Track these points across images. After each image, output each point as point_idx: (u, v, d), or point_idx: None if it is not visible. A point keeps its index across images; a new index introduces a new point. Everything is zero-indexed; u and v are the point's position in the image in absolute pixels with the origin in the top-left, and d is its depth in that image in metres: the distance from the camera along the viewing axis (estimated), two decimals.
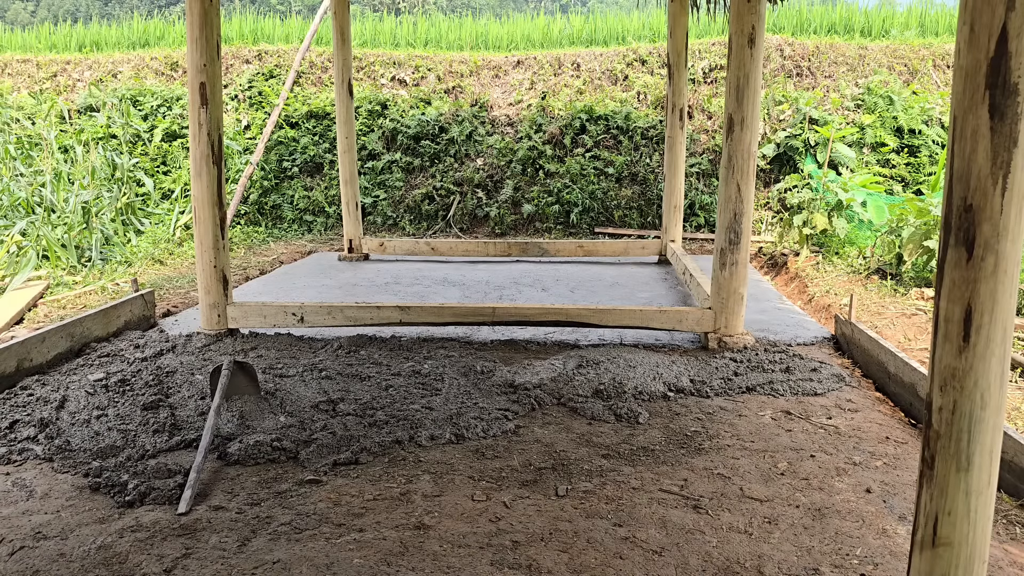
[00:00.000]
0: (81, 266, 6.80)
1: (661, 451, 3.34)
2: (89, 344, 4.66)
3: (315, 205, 9.52)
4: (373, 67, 11.04)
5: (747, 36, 4.36)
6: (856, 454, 3.31)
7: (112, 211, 7.95)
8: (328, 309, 4.94)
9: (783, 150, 9.19)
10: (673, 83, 7.20)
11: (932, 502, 1.74)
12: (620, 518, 2.76)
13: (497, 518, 2.76)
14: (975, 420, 1.68)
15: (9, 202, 7.60)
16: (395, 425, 3.55)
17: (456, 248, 7.82)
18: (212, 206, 4.81)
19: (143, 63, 11.27)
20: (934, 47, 10.63)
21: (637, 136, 9.67)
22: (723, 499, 2.91)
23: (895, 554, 2.54)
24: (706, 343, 4.75)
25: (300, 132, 10.03)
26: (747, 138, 4.48)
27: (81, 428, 3.46)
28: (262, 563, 2.47)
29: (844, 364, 4.50)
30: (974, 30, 1.59)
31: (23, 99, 10.51)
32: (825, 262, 6.89)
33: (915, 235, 6.02)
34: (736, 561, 2.50)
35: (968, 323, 1.65)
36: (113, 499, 2.91)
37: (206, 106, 4.69)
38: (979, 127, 1.59)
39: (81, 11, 35.60)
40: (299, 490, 2.99)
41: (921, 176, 8.89)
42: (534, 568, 2.44)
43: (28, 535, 2.65)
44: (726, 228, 4.62)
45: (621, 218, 9.24)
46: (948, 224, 1.66)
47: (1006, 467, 2.89)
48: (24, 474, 3.13)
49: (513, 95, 10.59)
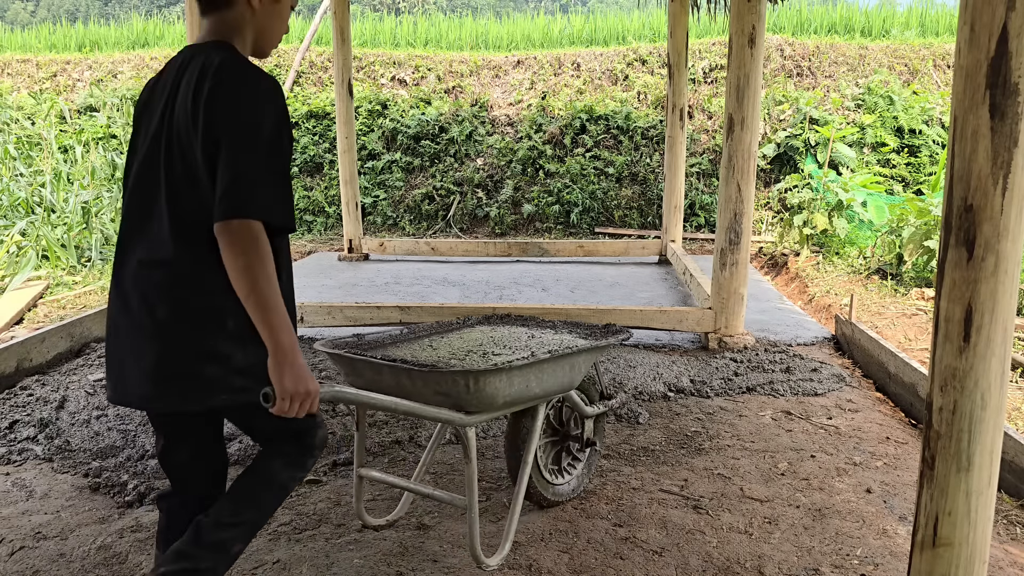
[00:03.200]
0: (81, 266, 6.80)
1: (661, 451, 3.34)
2: (89, 344, 4.66)
3: (315, 205, 9.52)
4: (373, 67, 11.04)
5: (747, 36, 4.36)
6: (856, 454, 3.31)
7: (112, 211, 7.95)
8: (328, 309, 4.93)
9: (783, 150, 9.19)
10: (673, 83, 7.20)
11: (932, 502, 1.74)
12: (620, 518, 2.76)
13: (498, 518, 2.76)
14: (975, 420, 1.68)
15: (9, 202, 7.60)
16: (395, 425, 3.55)
17: (456, 248, 7.82)
18: None
19: (143, 63, 11.28)
20: (934, 47, 10.63)
21: (637, 136, 9.67)
22: (723, 499, 2.91)
23: (895, 554, 2.54)
24: (706, 343, 4.75)
25: (300, 132, 10.03)
26: (747, 138, 4.48)
27: (81, 428, 3.46)
28: (262, 563, 2.47)
29: (844, 364, 4.50)
30: (974, 30, 1.58)
31: (23, 99, 10.51)
32: (825, 262, 6.89)
33: (915, 235, 6.02)
34: (736, 561, 2.50)
35: (968, 323, 1.65)
36: (113, 499, 2.91)
37: None
38: (979, 127, 1.59)
39: (81, 11, 35.64)
40: (299, 490, 2.99)
41: (921, 176, 8.89)
42: (534, 568, 2.44)
43: (28, 535, 2.65)
44: (726, 228, 4.62)
45: (621, 218, 9.24)
46: (948, 224, 1.66)
47: (1006, 467, 2.89)
48: (24, 474, 3.13)
49: (513, 95, 10.59)
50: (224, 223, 1.62)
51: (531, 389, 2.39)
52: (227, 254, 1.64)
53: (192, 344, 1.73)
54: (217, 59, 1.70)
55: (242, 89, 1.67)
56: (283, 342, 1.64)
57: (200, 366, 1.73)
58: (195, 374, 1.74)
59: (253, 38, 1.85)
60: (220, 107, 1.65)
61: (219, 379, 1.74)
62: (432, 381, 2.22)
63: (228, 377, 1.75)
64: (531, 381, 2.37)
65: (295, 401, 1.67)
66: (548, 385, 2.47)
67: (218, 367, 1.74)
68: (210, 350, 1.73)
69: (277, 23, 1.87)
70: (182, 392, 1.75)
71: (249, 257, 1.62)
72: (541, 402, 2.54)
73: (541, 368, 2.39)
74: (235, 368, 1.75)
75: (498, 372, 2.23)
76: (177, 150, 1.72)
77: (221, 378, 1.74)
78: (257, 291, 1.63)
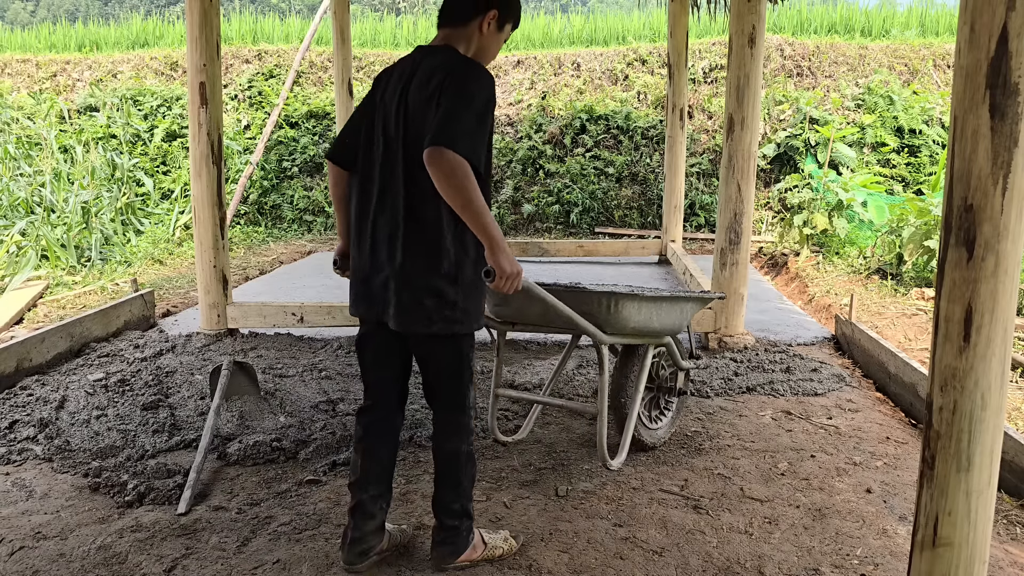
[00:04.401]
0: (81, 266, 6.80)
1: (661, 451, 3.34)
2: (89, 344, 4.66)
3: (315, 205, 9.52)
4: (373, 67, 11.04)
5: (747, 36, 4.36)
6: (856, 454, 3.31)
7: (112, 211, 7.95)
8: (328, 309, 4.93)
9: (783, 150, 9.19)
10: (673, 83, 7.20)
11: (932, 502, 1.74)
12: (620, 518, 2.76)
13: (497, 518, 2.76)
14: (975, 420, 1.68)
15: (9, 202, 7.60)
16: None
17: None
18: (212, 206, 4.81)
19: (143, 63, 11.27)
20: (934, 47, 10.63)
21: (637, 136, 9.67)
22: (723, 499, 2.91)
23: (895, 554, 2.54)
24: (706, 343, 4.74)
25: (300, 132, 10.03)
26: (747, 138, 4.48)
27: (81, 428, 3.46)
28: (262, 563, 2.47)
29: (844, 364, 4.50)
30: (974, 30, 1.58)
31: (23, 99, 10.51)
32: (825, 262, 6.89)
33: (915, 235, 6.02)
34: (736, 561, 2.50)
35: (968, 323, 1.65)
36: (113, 499, 2.91)
37: (206, 106, 4.68)
38: (979, 127, 1.59)
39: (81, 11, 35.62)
40: (299, 490, 2.99)
41: (921, 176, 8.89)
42: (534, 568, 2.44)
43: (28, 535, 2.65)
44: (726, 228, 4.62)
45: (621, 218, 9.24)
46: (948, 224, 1.66)
47: (1006, 467, 2.89)
48: (24, 474, 3.13)
49: (513, 95, 10.58)
50: (435, 149, 2.04)
51: (652, 322, 2.95)
52: (440, 176, 2.06)
53: (421, 282, 2.22)
54: (450, 54, 2.26)
55: (468, 73, 2.18)
56: (496, 237, 2.13)
57: (426, 298, 2.23)
58: (422, 304, 2.23)
59: (473, 52, 2.34)
60: (448, 82, 2.14)
61: (436, 309, 2.24)
62: (580, 301, 2.79)
63: (442, 309, 2.24)
64: (653, 314, 2.95)
65: (509, 279, 2.17)
66: (664, 322, 3.01)
67: (437, 300, 2.23)
68: (432, 287, 2.22)
69: (494, 46, 2.39)
70: (414, 318, 2.24)
71: (458, 177, 2.05)
72: (652, 342, 3.07)
73: (660, 305, 2.96)
74: (448, 302, 2.24)
75: (633, 297, 2.83)
76: (412, 122, 2.19)
77: (438, 309, 2.24)
78: (471, 202, 2.07)
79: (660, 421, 3.38)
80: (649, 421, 3.31)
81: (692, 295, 3.10)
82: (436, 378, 2.40)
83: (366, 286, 2.34)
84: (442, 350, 2.33)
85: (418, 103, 2.18)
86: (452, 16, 2.34)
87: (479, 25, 2.31)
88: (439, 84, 2.14)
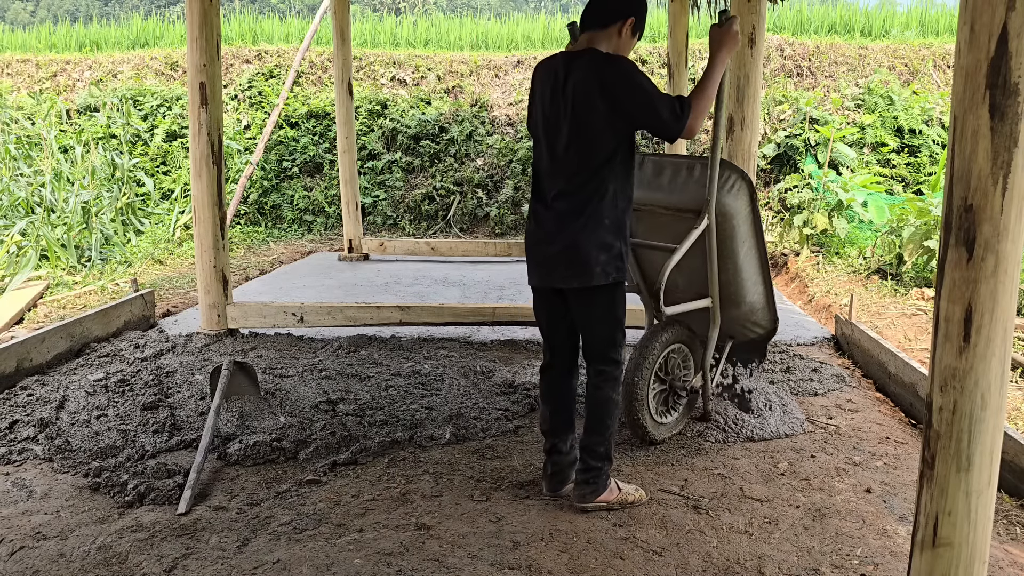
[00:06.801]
0: (81, 266, 6.80)
1: (661, 451, 3.34)
2: (89, 344, 4.66)
3: (315, 205, 9.52)
4: (373, 67, 11.03)
5: (747, 36, 4.36)
6: (856, 454, 3.31)
7: (112, 211, 7.94)
8: (328, 309, 4.93)
9: (783, 150, 9.18)
10: (673, 83, 7.19)
11: (932, 502, 1.74)
12: (620, 518, 2.76)
13: (498, 518, 2.76)
14: (975, 420, 1.68)
15: (9, 202, 7.59)
16: (395, 425, 3.55)
17: (456, 248, 7.82)
18: (212, 206, 4.81)
19: (143, 63, 11.27)
20: (934, 47, 10.63)
21: (637, 136, 9.66)
22: (723, 499, 2.91)
23: (895, 554, 2.54)
24: None
25: (300, 132, 10.02)
26: (747, 138, 4.48)
27: (81, 428, 3.46)
28: (262, 563, 2.47)
29: (844, 364, 4.50)
30: (974, 30, 1.59)
31: (23, 99, 10.51)
32: (825, 262, 6.89)
33: (915, 235, 6.02)
34: (736, 561, 2.50)
35: (968, 323, 1.65)
36: (113, 499, 2.91)
37: (206, 106, 4.68)
38: (979, 127, 1.59)
39: (81, 11, 35.62)
40: (299, 490, 2.99)
41: (921, 176, 8.89)
42: (534, 568, 2.44)
43: (28, 535, 2.65)
44: None
45: None
46: (948, 224, 1.66)
47: (1006, 467, 2.89)
48: (24, 474, 3.13)
49: (513, 95, 10.58)
50: (679, 135, 2.65)
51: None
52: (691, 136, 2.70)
53: (590, 240, 2.64)
54: (601, 55, 2.65)
55: (623, 66, 2.61)
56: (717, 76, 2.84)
57: (595, 253, 2.63)
58: (591, 259, 2.64)
59: (611, 52, 2.68)
60: (614, 78, 2.59)
61: (605, 263, 2.65)
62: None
63: (611, 262, 2.66)
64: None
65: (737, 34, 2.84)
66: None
67: (605, 253, 2.64)
68: (600, 241, 2.64)
69: (626, 49, 2.73)
70: (585, 273, 2.66)
71: (697, 128, 2.70)
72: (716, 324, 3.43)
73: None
74: (615, 254, 2.66)
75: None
76: (576, 113, 2.62)
77: (607, 262, 2.65)
78: (710, 100, 2.78)
79: (668, 416, 3.45)
80: (658, 415, 3.40)
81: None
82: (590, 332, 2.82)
83: (541, 255, 2.75)
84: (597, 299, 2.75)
85: (579, 96, 2.62)
86: (595, 20, 2.71)
87: (618, 29, 2.68)
88: (605, 81, 2.58)
